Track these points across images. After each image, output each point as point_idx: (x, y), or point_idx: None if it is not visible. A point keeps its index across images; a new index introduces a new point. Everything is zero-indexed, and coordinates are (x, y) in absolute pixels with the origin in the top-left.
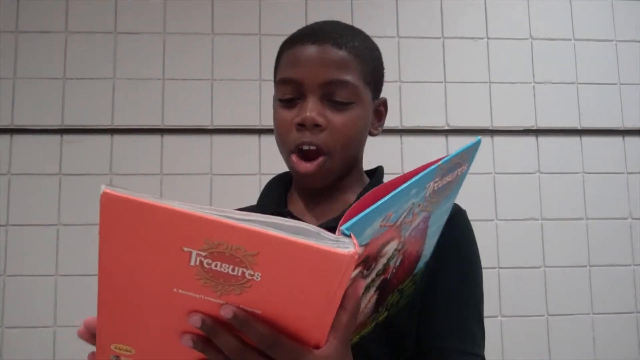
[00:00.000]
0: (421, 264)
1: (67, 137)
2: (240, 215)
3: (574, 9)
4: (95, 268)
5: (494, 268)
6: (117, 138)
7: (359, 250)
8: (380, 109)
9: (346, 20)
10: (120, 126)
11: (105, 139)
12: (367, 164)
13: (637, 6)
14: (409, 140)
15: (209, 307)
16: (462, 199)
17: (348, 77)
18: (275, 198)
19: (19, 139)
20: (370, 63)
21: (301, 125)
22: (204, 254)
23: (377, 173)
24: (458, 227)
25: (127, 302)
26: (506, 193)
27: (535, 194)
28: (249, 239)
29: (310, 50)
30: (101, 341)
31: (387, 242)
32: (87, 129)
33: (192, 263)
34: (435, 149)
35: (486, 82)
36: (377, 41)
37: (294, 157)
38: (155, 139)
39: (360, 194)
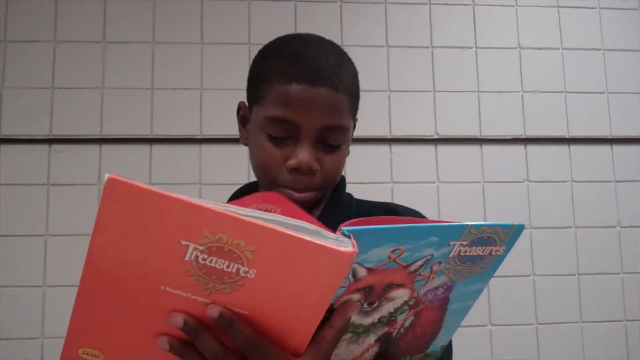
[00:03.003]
0: (437, 345)
1: (55, 147)
2: (243, 210)
3: (562, 18)
4: None
5: None
6: (106, 148)
7: (357, 251)
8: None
9: (335, 30)
10: (108, 136)
11: (94, 148)
12: (358, 172)
13: (625, 15)
14: (398, 149)
15: (194, 307)
16: (453, 208)
17: (342, 121)
18: None
19: (6, 148)
20: (356, 96)
21: (294, 170)
22: (201, 248)
23: (339, 183)
24: None
25: (109, 300)
26: (495, 202)
27: (524, 203)
28: (251, 233)
29: (309, 93)
30: (69, 346)
31: (397, 286)
32: (75, 139)
33: (188, 258)
34: (425, 158)
35: (475, 91)
36: (366, 50)
37: (285, 190)
38: (144, 148)
39: (325, 207)
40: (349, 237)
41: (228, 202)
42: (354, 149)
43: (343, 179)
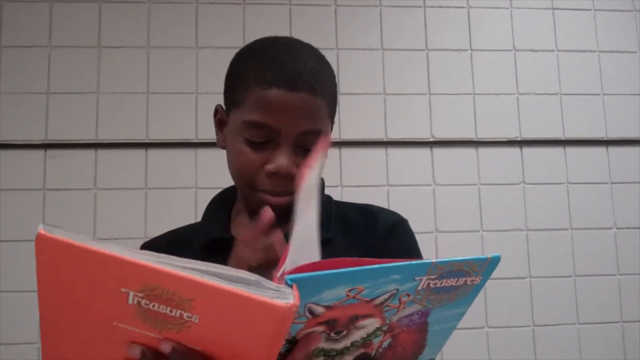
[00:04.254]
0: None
1: (51, 152)
2: (179, 262)
3: (557, 20)
4: None
5: None
6: (101, 152)
7: (298, 302)
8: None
9: (330, 33)
10: (104, 140)
11: (90, 153)
12: (354, 175)
13: (619, 17)
14: (394, 152)
15: (149, 340)
16: (449, 210)
17: (321, 126)
18: (219, 220)
19: (2, 154)
20: (334, 100)
21: (273, 174)
22: (141, 294)
23: None
24: (398, 238)
25: (69, 336)
26: (491, 204)
27: (520, 205)
28: (185, 286)
29: (289, 98)
30: None
31: (364, 317)
32: (71, 144)
33: (130, 302)
34: (421, 161)
35: (470, 94)
36: (360, 53)
37: (261, 194)
38: (140, 153)
39: None
40: (292, 287)
41: (207, 208)
42: (349, 152)
43: (322, 181)
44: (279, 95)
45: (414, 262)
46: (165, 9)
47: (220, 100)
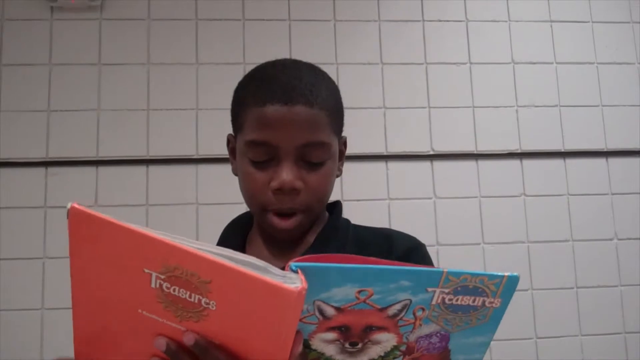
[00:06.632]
0: None
1: (52, 170)
2: (195, 243)
3: (555, 32)
4: None
5: None
6: (102, 169)
7: (306, 287)
8: (342, 149)
9: (330, 48)
10: (105, 157)
11: (90, 170)
12: (354, 190)
13: (617, 28)
14: (394, 165)
15: (172, 332)
16: (450, 223)
17: (322, 137)
18: (233, 244)
19: (3, 172)
20: (336, 112)
21: (278, 190)
22: (162, 276)
23: (336, 209)
24: (414, 263)
25: (99, 323)
26: (492, 217)
27: (520, 217)
28: (201, 265)
29: (283, 112)
30: None
31: (378, 329)
32: (72, 161)
33: (153, 285)
34: (421, 174)
35: (470, 107)
36: (360, 68)
37: (271, 216)
38: (141, 169)
39: (320, 233)
40: (297, 273)
41: (223, 232)
42: (350, 166)
43: (340, 204)
44: (274, 110)
45: (424, 268)
46: (165, 25)
47: (220, 115)
